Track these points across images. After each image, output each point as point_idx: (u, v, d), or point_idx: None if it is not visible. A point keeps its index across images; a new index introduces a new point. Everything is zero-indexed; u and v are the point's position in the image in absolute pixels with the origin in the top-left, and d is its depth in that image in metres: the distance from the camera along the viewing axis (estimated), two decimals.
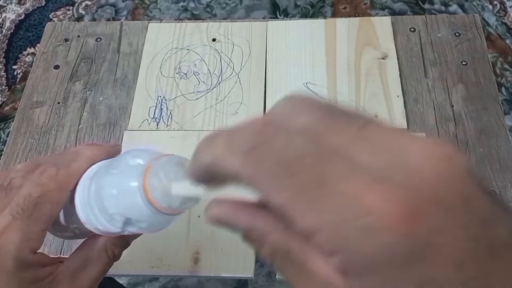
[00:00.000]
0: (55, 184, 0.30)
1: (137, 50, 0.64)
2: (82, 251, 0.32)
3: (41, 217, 0.29)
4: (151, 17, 1.39)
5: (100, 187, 0.28)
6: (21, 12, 1.43)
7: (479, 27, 0.63)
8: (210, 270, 0.47)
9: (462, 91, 0.58)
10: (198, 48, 0.63)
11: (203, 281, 1.00)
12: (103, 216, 0.28)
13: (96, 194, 0.28)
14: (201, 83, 0.60)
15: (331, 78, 0.59)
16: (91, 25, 0.68)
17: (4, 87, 1.30)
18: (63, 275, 0.30)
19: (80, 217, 0.29)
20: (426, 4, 1.34)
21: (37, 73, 0.64)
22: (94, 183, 0.29)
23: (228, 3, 1.39)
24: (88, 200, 0.29)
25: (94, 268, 0.31)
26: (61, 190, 0.30)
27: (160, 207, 0.26)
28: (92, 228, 0.30)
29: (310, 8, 1.36)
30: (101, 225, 0.29)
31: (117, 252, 0.32)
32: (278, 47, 0.62)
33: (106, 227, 0.29)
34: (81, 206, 0.29)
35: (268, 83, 0.59)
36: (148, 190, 0.26)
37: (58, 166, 0.31)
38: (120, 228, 0.28)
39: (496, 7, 1.32)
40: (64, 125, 0.59)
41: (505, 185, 0.50)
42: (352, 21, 0.63)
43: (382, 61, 0.60)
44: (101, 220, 0.28)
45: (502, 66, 1.24)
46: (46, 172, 0.30)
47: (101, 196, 0.28)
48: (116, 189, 0.27)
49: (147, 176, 0.26)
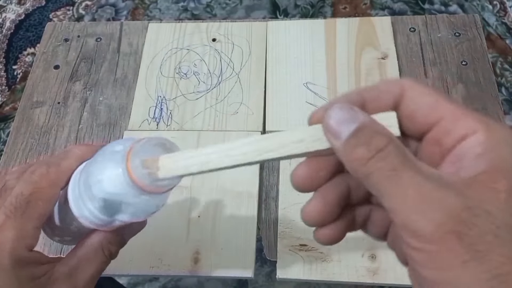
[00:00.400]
0: (46, 182, 0.31)
1: (137, 50, 0.64)
2: (78, 250, 0.32)
3: (34, 214, 0.30)
4: (151, 17, 1.39)
5: (87, 176, 0.29)
6: (21, 12, 1.43)
7: (479, 27, 0.63)
8: (210, 270, 0.47)
9: (462, 91, 0.58)
10: (198, 48, 0.63)
11: (203, 281, 1.00)
12: (93, 205, 0.29)
13: (85, 184, 0.29)
14: (201, 83, 0.60)
15: (331, 78, 0.59)
16: (91, 25, 0.68)
17: (4, 87, 1.30)
18: (60, 273, 0.31)
19: (74, 212, 0.30)
20: (426, 4, 1.34)
21: (37, 73, 0.64)
22: (83, 174, 0.30)
23: (228, 3, 1.39)
24: (78, 192, 0.30)
25: (91, 266, 0.32)
26: (52, 187, 0.31)
27: (144, 185, 0.27)
28: (85, 221, 0.30)
29: (310, 8, 1.36)
30: (92, 215, 0.29)
31: (113, 251, 0.33)
32: (278, 47, 0.62)
33: (98, 217, 0.29)
34: (73, 200, 0.30)
35: (268, 83, 0.59)
36: (131, 170, 0.27)
37: (49, 164, 0.32)
38: (110, 215, 0.29)
39: (496, 7, 1.33)
40: (64, 125, 0.59)
41: None
42: (352, 21, 0.63)
43: (382, 61, 0.60)
44: (92, 209, 0.29)
45: (502, 66, 1.24)
46: (37, 171, 0.31)
47: (89, 184, 0.29)
48: (101, 175, 0.28)
49: (129, 158, 0.27)
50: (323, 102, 0.57)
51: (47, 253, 0.50)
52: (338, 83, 0.58)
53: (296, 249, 0.48)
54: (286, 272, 0.47)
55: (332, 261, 0.47)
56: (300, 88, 0.59)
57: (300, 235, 0.48)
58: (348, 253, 0.47)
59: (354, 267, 0.46)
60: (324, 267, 0.47)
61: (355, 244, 0.47)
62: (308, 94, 0.58)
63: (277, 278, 0.47)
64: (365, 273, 0.46)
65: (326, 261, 0.47)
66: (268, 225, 0.50)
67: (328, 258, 0.47)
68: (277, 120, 0.56)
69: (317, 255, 0.47)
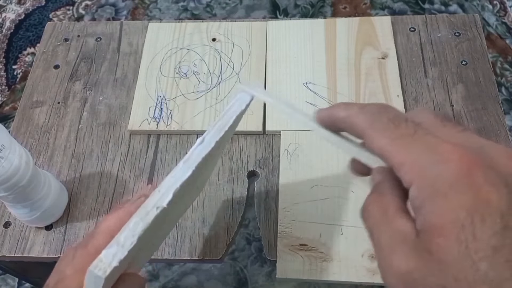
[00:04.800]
0: (70, 270, 0.32)
1: (137, 50, 0.64)
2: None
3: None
4: (151, 17, 1.39)
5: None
6: (21, 12, 1.43)
7: (479, 27, 0.63)
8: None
9: (462, 90, 0.58)
10: (198, 47, 0.63)
11: (203, 281, 1.00)
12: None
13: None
14: (201, 82, 0.60)
15: (331, 77, 0.59)
16: (91, 25, 0.68)
17: (4, 87, 1.30)
18: None
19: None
20: (426, 4, 1.33)
21: (37, 73, 0.64)
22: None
23: (228, 3, 1.39)
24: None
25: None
26: (76, 274, 0.31)
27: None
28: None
29: (310, 8, 1.35)
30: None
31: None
32: (278, 46, 0.62)
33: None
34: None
35: (268, 83, 0.59)
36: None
37: (77, 248, 0.33)
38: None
39: (496, 7, 1.32)
40: (64, 125, 0.59)
41: None
42: (352, 20, 0.63)
43: (382, 61, 0.60)
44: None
45: (502, 66, 1.23)
46: (63, 261, 0.32)
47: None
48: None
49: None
50: (323, 102, 0.57)
51: (46, 253, 0.50)
52: (338, 82, 0.58)
53: (296, 249, 0.48)
54: (286, 272, 0.47)
55: (332, 261, 0.47)
56: (300, 87, 0.59)
57: (300, 235, 0.48)
58: (348, 253, 0.47)
59: (354, 267, 0.46)
60: (324, 267, 0.47)
61: (355, 244, 0.47)
62: (308, 94, 0.58)
63: (277, 277, 0.47)
64: (365, 273, 0.46)
65: (326, 261, 0.47)
66: (268, 225, 0.50)
67: (328, 258, 0.47)
68: (277, 120, 0.56)
69: (317, 255, 0.47)
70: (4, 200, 0.46)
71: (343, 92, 0.58)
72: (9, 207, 0.48)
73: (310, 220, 0.49)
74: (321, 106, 0.56)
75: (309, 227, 0.49)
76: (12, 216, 0.52)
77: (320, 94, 0.58)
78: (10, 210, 0.49)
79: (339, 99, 0.57)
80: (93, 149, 0.57)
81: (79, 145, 0.57)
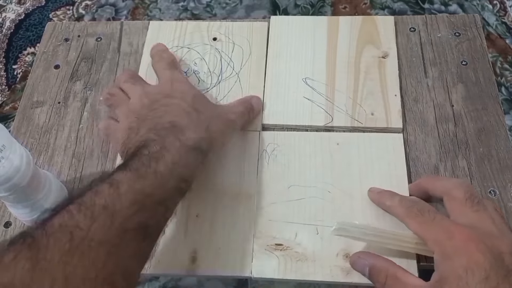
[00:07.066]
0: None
1: (138, 50, 0.64)
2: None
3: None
4: (151, 16, 1.39)
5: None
6: (21, 11, 1.43)
7: (479, 27, 0.63)
8: (207, 269, 0.47)
9: (462, 90, 0.58)
10: (199, 46, 0.63)
11: (203, 281, 1.00)
12: None
13: None
14: (201, 82, 0.60)
15: (330, 74, 0.59)
16: (91, 25, 0.68)
17: (4, 87, 1.30)
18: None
19: None
20: (426, 4, 1.33)
21: (37, 72, 0.64)
22: None
23: (228, 3, 1.39)
24: None
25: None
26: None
27: None
28: None
29: (310, 8, 1.35)
30: None
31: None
32: (280, 41, 0.62)
33: None
34: None
35: (267, 76, 0.60)
36: None
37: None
38: None
39: (496, 6, 1.32)
40: (64, 125, 0.59)
41: (505, 185, 0.50)
42: (355, 19, 0.63)
43: (382, 60, 0.60)
44: None
45: (502, 66, 1.23)
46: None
47: None
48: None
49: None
50: (320, 98, 0.57)
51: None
52: (337, 79, 0.58)
53: (272, 248, 0.48)
54: (262, 272, 0.47)
55: (307, 261, 0.47)
56: (299, 83, 0.59)
57: (275, 234, 0.49)
58: (323, 252, 0.47)
59: (328, 266, 0.46)
60: (299, 266, 0.47)
61: (329, 244, 0.48)
62: (306, 89, 0.58)
63: (252, 277, 0.47)
64: (339, 272, 0.46)
65: (301, 260, 0.47)
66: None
67: (303, 257, 0.47)
68: (274, 114, 0.56)
69: (292, 254, 0.47)
70: (4, 200, 0.46)
71: (341, 89, 0.58)
72: (10, 207, 0.48)
73: (286, 220, 0.49)
74: (318, 102, 0.57)
75: (285, 226, 0.49)
76: (12, 216, 0.52)
77: (318, 90, 0.58)
78: (11, 210, 0.49)
79: (337, 96, 0.57)
80: (94, 149, 0.57)
81: (79, 145, 0.57)
